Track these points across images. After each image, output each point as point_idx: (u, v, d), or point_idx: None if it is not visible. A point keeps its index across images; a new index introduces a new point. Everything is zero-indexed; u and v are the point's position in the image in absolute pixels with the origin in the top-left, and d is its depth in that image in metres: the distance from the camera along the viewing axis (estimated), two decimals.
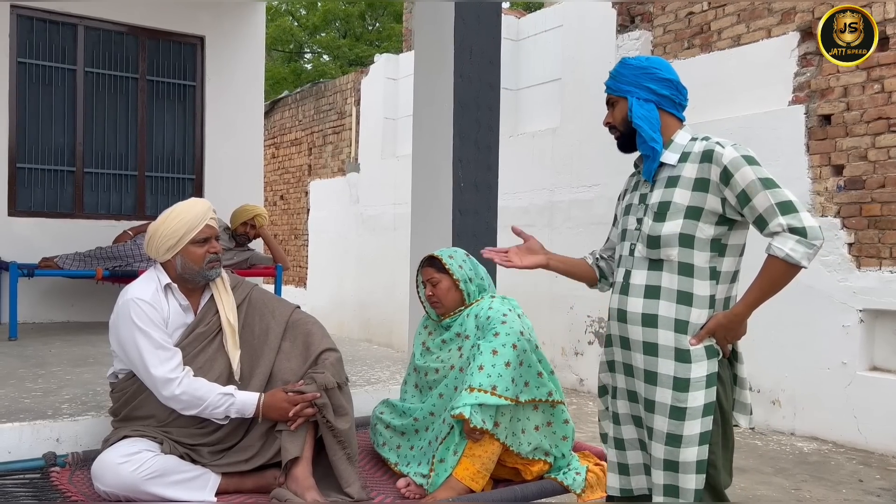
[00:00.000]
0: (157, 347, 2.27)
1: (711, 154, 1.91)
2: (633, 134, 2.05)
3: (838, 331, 4.88)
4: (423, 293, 2.69)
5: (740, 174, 1.86)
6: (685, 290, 1.93)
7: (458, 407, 2.22)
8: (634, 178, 2.18)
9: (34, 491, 2.25)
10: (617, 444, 2.11)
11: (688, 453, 1.88)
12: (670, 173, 1.99)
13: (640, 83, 2.02)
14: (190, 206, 2.42)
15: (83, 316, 5.39)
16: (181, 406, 2.27)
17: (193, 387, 2.26)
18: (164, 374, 2.24)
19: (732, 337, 1.95)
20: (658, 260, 1.97)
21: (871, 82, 4.80)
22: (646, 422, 1.99)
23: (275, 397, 2.31)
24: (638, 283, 2.00)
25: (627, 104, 2.04)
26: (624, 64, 2.07)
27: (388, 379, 3.48)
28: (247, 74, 6.18)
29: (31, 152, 5.38)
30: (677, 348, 1.91)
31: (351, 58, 18.15)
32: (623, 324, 2.03)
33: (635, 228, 2.05)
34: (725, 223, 1.94)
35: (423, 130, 3.84)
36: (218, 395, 2.27)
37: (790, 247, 1.81)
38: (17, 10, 5.26)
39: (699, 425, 1.89)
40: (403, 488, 2.38)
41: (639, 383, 2.00)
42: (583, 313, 6.73)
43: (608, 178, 6.45)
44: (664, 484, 1.93)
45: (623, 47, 6.41)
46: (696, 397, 1.89)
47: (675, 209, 1.94)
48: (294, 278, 11.16)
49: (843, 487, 4.03)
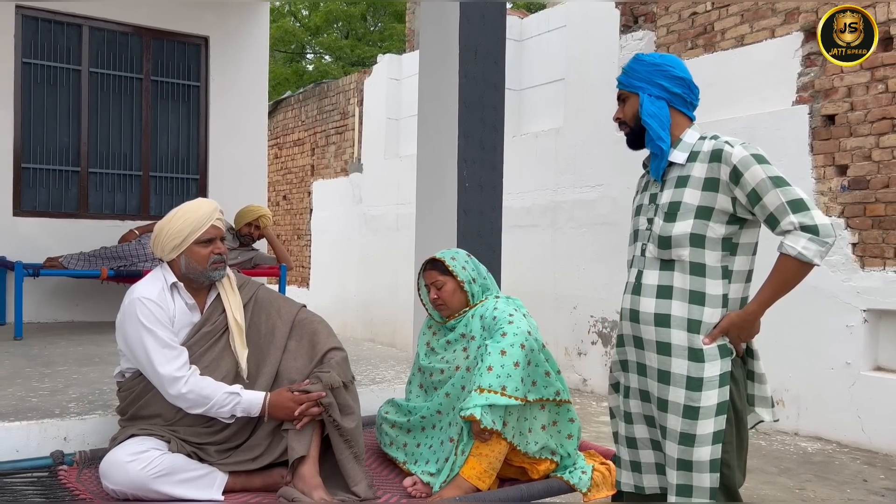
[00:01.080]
0: (163, 346, 2.27)
1: (721, 153, 1.91)
2: (642, 130, 2.06)
3: (842, 331, 4.88)
4: (425, 297, 2.69)
5: (750, 173, 1.86)
6: (697, 290, 1.93)
7: (469, 408, 2.22)
8: (644, 178, 2.18)
9: (42, 489, 2.26)
10: (629, 443, 2.11)
11: (701, 452, 1.89)
12: (679, 173, 1.99)
13: (652, 80, 2.02)
14: (196, 206, 2.43)
15: (88, 316, 5.40)
16: (188, 405, 2.28)
17: (200, 385, 2.27)
18: (170, 372, 2.25)
19: (746, 336, 1.95)
20: (669, 260, 1.97)
21: (875, 82, 4.80)
22: (659, 421, 1.99)
23: (280, 396, 2.32)
24: (650, 284, 2.00)
25: (639, 100, 2.04)
26: (637, 60, 2.07)
27: (392, 378, 3.49)
28: (250, 75, 6.20)
29: (35, 152, 5.39)
30: (690, 348, 1.91)
31: (353, 58, 18.16)
32: (636, 324, 2.03)
33: (646, 229, 2.05)
34: (736, 222, 1.93)
35: (427, 130, 3.84)
36: (224, 394, 2.28)
37: (802, 245, 1.81)
38: (22, 11, 5.28)
39: (713, 424, 1.89)
40: (410, 487, 2.39)
41: (651, 383, 2.00)
42: (586, 313, 6.73)
43: (611, 178, 6.45)
44: (678, 483, 1.93)
45: (626, 47, 6.41)
46: (710, 396, 1.89)
47: (685, 209, 1.94)
48: (297, 278, 11.17)
49: (848, 487, 4.03)
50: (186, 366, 2.29)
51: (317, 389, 2.32)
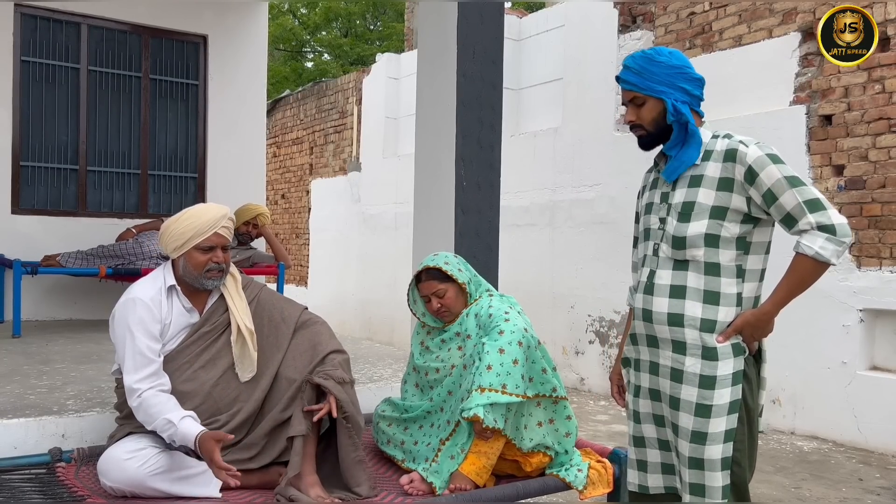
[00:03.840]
0: (136, 353, 2.25)
1: (735, 153, 1.89)
2: (662, 134, 2.00)
3: (839, 330, 4.90)
4: (420, 308, 2.68)
5: (765, 173, 1.84)
6: (712, 290, 1.92)
7: (472, 408, 2.23)
8: (652, 174, 2.13)
9: (40, 486, 2.27)
10: (636, 442, 2.11)
11: (713, 450, 1.88)
12: (693, 172, 1.96)
13: (674, 84, 1.96)
14: (203, 211, 2.40)
15: (86, 314, 5.41)
16: (139, 418, 2.23)
17: (149, 403, 2.21)
18: (130, 382, 2.22)
19: (759, 335, 1.93)
20: (683, 260, 1.95)
21: (872, 83, 4.82)
22: (671, 419, 1.98)
23: (207, 442, 2.14)
24: (663, 284, 1.97)
25: (660, 105, 1.97)
26: (652, 60, 1.97)
27: (390, 377, 3.50)
28: (249, 73, 6.20)
29: (34, 150, 5.39)
30: (704, 346, 1.90)
31: (352, 57, 18.15)
32: (649, 323, 2.01)
33: (658, 228, 2.02)
34: (750, 221, 1.92)
35: (425, 129, 3.85)
36: (164, 420, 2.19)
37: (819, 245, 1.80)
38: (21, 9, 5.28)
39: (724, 423, 1.88)
40: (407, 485, 2.39)
41: (664, 381, 1.99)
42: (583, 313, 6.75)
43: (609, 177, 6.46)
44: (690, 482, 1.93)
45: (625, 47, 6.42)
46: (722, 395, 1.88)
47: (699, 209, 1.92)
48: (295, 277, 11.17)
49: (843, 486, 4.04)
50: (150, 379, 2.24)
51: (329, 385, 2.30)
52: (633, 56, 2.02)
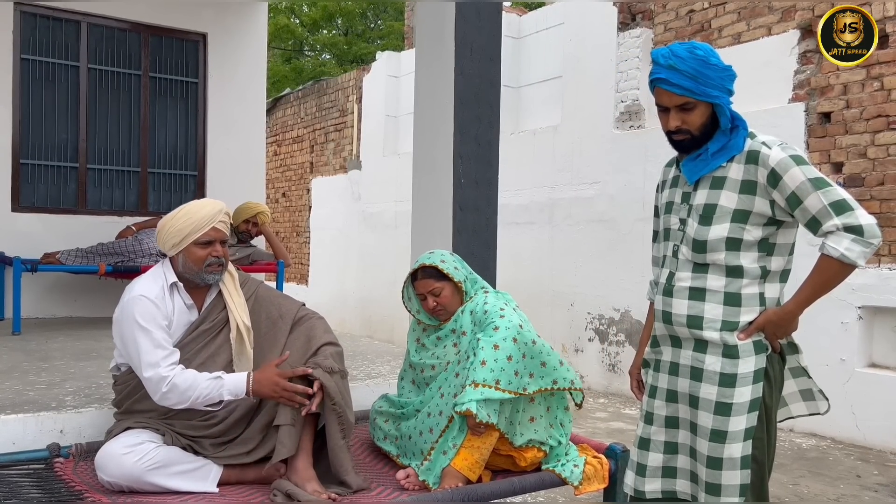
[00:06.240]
0: (156, 346, 2.26)
1: (758, 155, 1.84)
2: (704, 138, 1.91)
3: (837, 327, 4.90)
4: (415, 305, 2.68)
5: (789, 176, 1.79)
6: (733, 292, 1.88)
7: (465, 403, 2.24)
8: (672, 170, 2.08)
9: (38, 481, 2.27)
10: (641, 444, 2.07)
11: (732, 449, 1.86)
12: (715, 173, 1.90)
13: (724, 86, 1.89)
14: (200, 206, 2.41)
15: (86, 311, 5.42)
16: (172, 403, 2.26)
17: (181, 379, 2.24)
18: (156, 373, 2.23)
19: (782, 333, 1.91)
20: (704, 263, 1.91)
21: (871, 80, 4.82)
22: (690, 418, 1.95)
23: (264, 373, 2.29)
24: (683, 286, 1.94)
25: (709, 109, 1.89)
26: (706, 63, 1.86)
27: (388, 374, 3.51)
28: (249, 71, 6.21)
29: (34, 148, 5.41)
30: (725, 344, 1.88)
31: (352, 56, 18.15)
32: (669, 325, 1.99)
33: (678, 229, 1.98)
34: (774, 224, 1.87)
35: (423, 127, 3.85)
36: (207, 381, 2.25)
37: (845, 246, 1.75)
38: (21, 7, 5.29)
39: (745, 421, 1.86)
40: (403, 480, 2.40)
41: (682, 381, 1.96)
42: (583, 310, 6.75)
43: (609, 175, 6.47)
44: (707, 482, 1.90)
45: (624, 45, 6.43)
46: (743, 393, 1.86)
47: (721, 212, 1.87)
48: (296, 275, 11.19)
49: (841, 483, 4.05)
50: (173, 366, 2.26)
51: (317, 375, 2.31)
52: (678, 56, 1.87)
